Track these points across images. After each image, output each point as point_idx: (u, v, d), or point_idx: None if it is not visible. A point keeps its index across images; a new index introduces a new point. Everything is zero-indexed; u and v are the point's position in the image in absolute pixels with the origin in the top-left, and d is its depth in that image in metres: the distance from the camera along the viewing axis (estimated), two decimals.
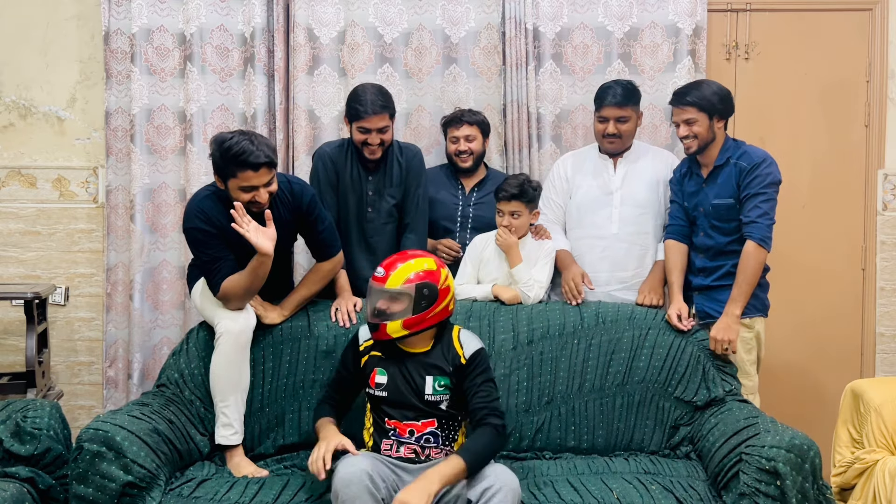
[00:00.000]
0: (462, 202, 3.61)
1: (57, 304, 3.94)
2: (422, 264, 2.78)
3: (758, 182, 3.16)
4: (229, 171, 2.87)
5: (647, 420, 3.16)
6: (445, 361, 2.77)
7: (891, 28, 3.97)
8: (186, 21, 3.76)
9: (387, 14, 3.79)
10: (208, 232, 2.98)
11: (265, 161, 2.86)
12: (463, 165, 3.59)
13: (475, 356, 2.78)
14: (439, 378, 2.76)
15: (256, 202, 2.92)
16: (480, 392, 2.73)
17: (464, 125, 3.57)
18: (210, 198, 3.02)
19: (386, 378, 2.78)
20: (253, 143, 2.85)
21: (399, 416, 2.75)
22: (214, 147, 2.89)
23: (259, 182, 2.88)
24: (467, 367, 2.76)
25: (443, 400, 2.75)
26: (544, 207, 3.53)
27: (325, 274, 3.25)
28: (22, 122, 3.94)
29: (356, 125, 3.30)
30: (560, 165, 3.59)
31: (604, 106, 3.40)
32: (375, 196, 3.42)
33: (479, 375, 2.76)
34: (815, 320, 4.02)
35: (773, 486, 2.58)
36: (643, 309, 3.32)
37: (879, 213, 4.02)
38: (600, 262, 3.45)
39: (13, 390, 3.51)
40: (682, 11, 3.78)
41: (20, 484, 2.70)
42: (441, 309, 2.77)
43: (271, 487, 2.79)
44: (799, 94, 3.97)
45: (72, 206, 3.95)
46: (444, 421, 2.76)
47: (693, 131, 3.21)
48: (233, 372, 3.03)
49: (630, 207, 3.44)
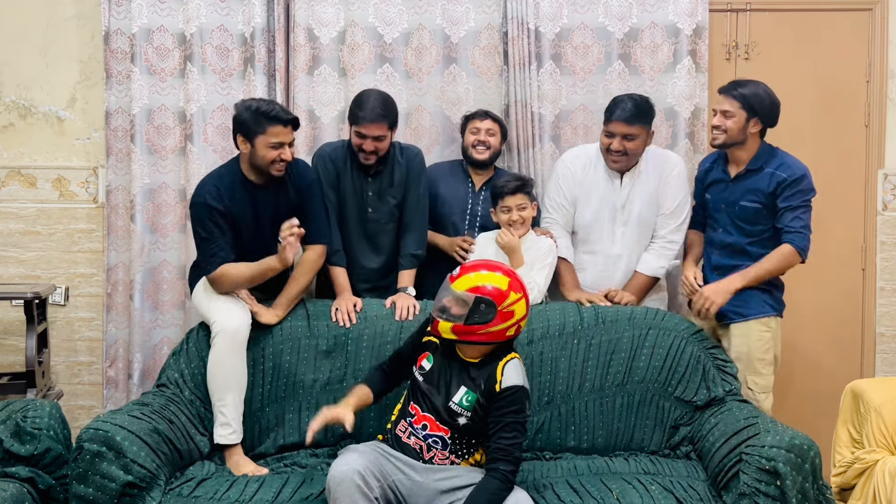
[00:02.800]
0: (472, 199, 3.60)
1: (57, 304, 3.94)
2: (494, 280, 2.67)
3: (800, 195, 3.15)
4: (259, 128, 3.05)
5: (646, 420, 3.16)
6: (483, 381, 2.70)
7: (891, 28, 3.97)
8: (186, 21, 3.75)
9: (387, 14, 3.79)
10: (216, 209, 3.07)
11: (291, 118, 3.11)
12: (479, 157, 3.53)
13: (509, 391, 2.64)
14: (470, 393, 2.70)
15: (282, 160, 3.08)
16: (502, 431, 2.61)
17: (488, 119, 3.56)
18: (224, 176, 3.16)
19: (430, 366, 2.78)
20: (276, 104, 3.17)
21: (423, 406, 2.75)
22: (241, 109, 3.11)
23: (286, 139, 3.08)
24: (497, 399, 2.65)
25: (464, 414, 2.69)
26: (551, 210, 3.50)
27: (311, 265, 3.28)
28: (22, 122, 3.94)
29: (354, 129, 3.33)
30: (567, 166, 3.49)
31: (612, 120, 3.30)
32: (376, 197, 3.43)
33: (508, 414, 2.62)
34: (815, 320, 4.02)
35: (773, 486, 2.59)
36: (643, 309, 3.32)
37: (879, 213, 4.02)
38: (601, 280, 3.45)
39: (13, 390, 3.52)
40: (683, 11, 3.78)
41: (20, 484, 2.70)
42: (496, 330, 2.67)
43: (271, 486, 2.79)
44: (799, 94, 3.96)
45: (72, 206, 3.95)
46: (458, 436, 2.72)
47: (726, 124, 3.17)
48: (229, 371, 3.04)
49: (633, 227, 3.42)
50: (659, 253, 3.42)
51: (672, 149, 3.71)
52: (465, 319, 2.65)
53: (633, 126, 3.28)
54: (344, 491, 2.50)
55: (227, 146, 3.79)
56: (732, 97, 3.17)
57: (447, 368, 2.76)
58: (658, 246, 3.43)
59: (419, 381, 2.79)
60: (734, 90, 3.18)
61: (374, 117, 3.27)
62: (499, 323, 2.66)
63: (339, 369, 3.22)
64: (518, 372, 2.69)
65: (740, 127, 3.17)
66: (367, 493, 2.51)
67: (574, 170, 3.47)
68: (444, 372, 2.76)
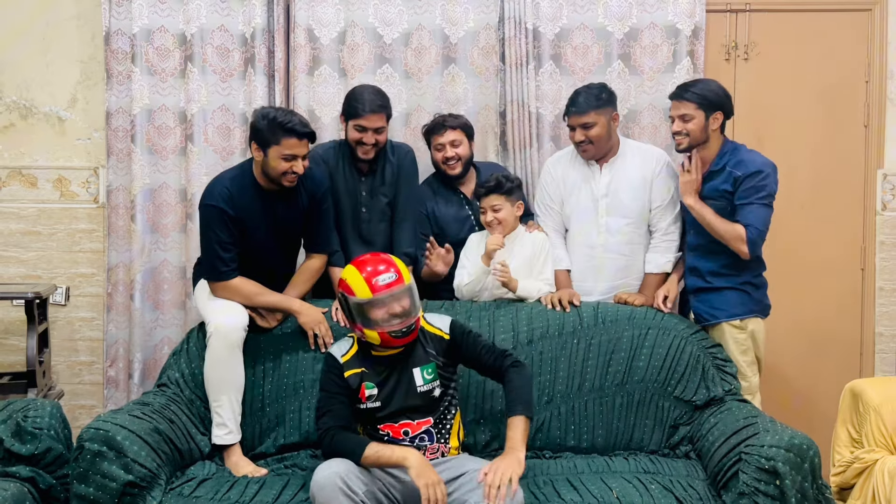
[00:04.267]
0: (471, 209, 3.55)
1: (58, 303, 3.94)
2: (397, 262, 2.82)
3: (752, 191, 3.14)
4: (273, 139, 2.99)
5: (646, 419, 3.16)
6: (424, 350, 2.80)
7: (890, 28, 3.97)
8: (187, 21, 3.76)
9: (386, 14, 3.80)
10: (227, 213, 3.04)
11: (308, 132, 3.04)
12: (452, 173, 3.48)
13: (454, 327, 2.85)
14: (424, 367, 2.78)
15: (294, 172, 3.03)
16: (482, 350, 2.82)
17: (447, 130, 3.44)
18: (237, 179, 3.11)
19: (376, 390, 2.78)
20: (295, 115, 3.08)
21: (393, 420, 2.76)
22: (259, 116, 3.05)
23: (300, 152, 3.02)
24: (455, 340, 2.83)
25: (434, 387, 2.77)
26: (542, 215, 3.51)
27: (312, 273, 3.29)
28: (23, 123, 3.94)
29: (353, 123, 3.32)
30: (550, 169, 3.53)
31: (568, 115, 3.38)
32: (369, 196, 3.44)
33: (470, 338, 2.84)
34: (815, 320, 4.02)
35: (772, 485, 2.59)
36: (643, 309, 3.32)
37: (879, 213, 4.03)
38: (587, 272, 3.45)
39: (14, 390, 3.52)
40: (682, 12, 3.79)
41: (21, 483, 2.70)
42: None
43: (271, 487, 2.80)
44: (798, 95, 3.97)
45: (73, 206, 3.95)
46: (440, 414, 2.77)
47: (686, 128, 3.21)
48: (224, 371, 3.04)
49: (615, 218, 3.41)
50: (662, 248, 3.42)
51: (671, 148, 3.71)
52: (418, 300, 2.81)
53: (586, 115, 3.32)
54: (327, 496, 2.50)
55: (228, 146, 3.80)
56: (686, 99, 3.21)
57: (390, 373, 2.79)
58: (659, 242, 3.43)
59: (377, 407, 2.78)
60: (685, 93, 3.22)
61: (373, 108, 3.29)
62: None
63: None
64: (436, 315, 2.90)
65: (701, 126, 3.20)
66: (350, 495, 2.51)
67: (555, 172, 3.51)
68: (390, 378, 2.79)
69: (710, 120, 3.20)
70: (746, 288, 3.25)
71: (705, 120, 3.20)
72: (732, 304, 3.25)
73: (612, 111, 3.39)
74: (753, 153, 3.24)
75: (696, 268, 3.32)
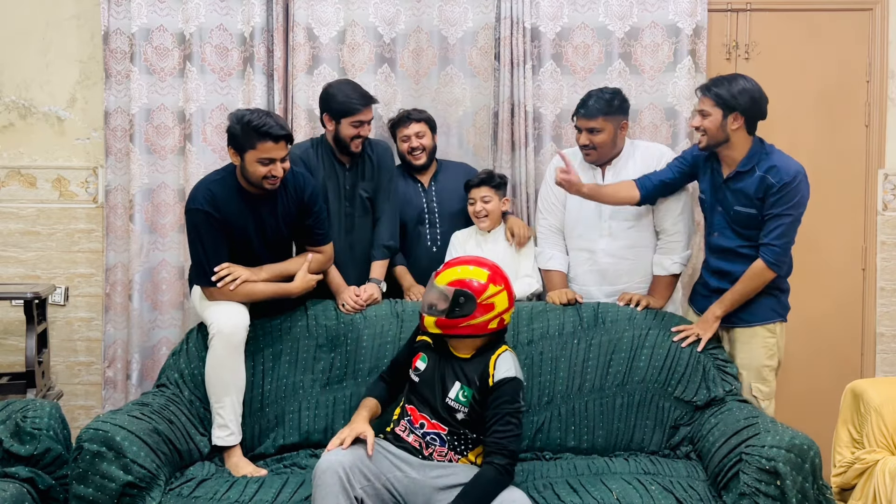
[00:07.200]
0: (425, 198, 3.62)
1: (56, 304, 3.93)
2: (473, 274, 2.75)
3: (783, 202, 3.05)
4: (249, 143, 2.95)
5: (646, 420, 3.16)
6: (476, 376, 2.74)
7: (891, 28, 3.97)
8: (186, 21, 3.75)
9: (386, 14, 3.79)
10: (212, 216, 3.01)
11: (284, 134, 2.97)
12: (417, 162, 3.59)
13: (502, 384, 2.68)
14: (465, 388, 2.73)
15: (273, 176, 2.99)
16: (496, 424, 2.64)
17: (412, 123, 3.57)
18: (220, 182, 3.08)
19: (424, 366, 2.82)
20: (271, 117, 3.00)
21: (419, 405, 2.78)
22: (234, 121, 2.99)
23: (277, 155, 2.97)
24: (492, 392, 2.69)
25: (461, 410, 2.73)
26: (544, 212, 3.50)
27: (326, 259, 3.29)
28: (22, 122, 3.94)
29: (350, 120, 3.31)
30: (554, 167, 3.48)
31: (577, 116, 3.33)
32: (351, 192, 3.44)
33: (502, 405, 2.66)
34: (815, 320, 4.01)
35: (773, 486, 2.58)
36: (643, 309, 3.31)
37: (879, 213, 4.02)
38: (589, 275, 3.43)
39: (13, 390, 3.52)
40: (683, 11, 3.78)
41: (20, 484, 2.70)
42: (477, 323, 2.72)
43: (271, 486, 2.79)
44: (799, 94, 3.97)
45: (71, 206, 3.95)
46: (455, 432, 2.74)
47: (703, 125, 3.11)
48: (226, 373, 3.03)
49: (619, 221, 3.38)
50: (667, 250, 3.38)
51: (672, 148, 3.70)
52: (447, 313, 2.71)
53: (594, 120, 3.28)
54: (326, 481, 2.52)
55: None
56: (707, 95, 3.12)
57: (441, 366, 2.80)
58: (664, 243, 3.39)
59: (415, 381, 2.82)
60: (709, 89, 3.13)
61: (366, 101, 3.33)
62: (480, 315, 2.72)
63: (338, 369, 3.22)
64: (509, 364, 2.73)
65: (718, 125, 3.09)
66: (347, 489, 2.53)
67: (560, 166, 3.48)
68: (438, 370, 2.79)
69: (729, 120, 3.09)
70: (774, 292, 3.19)
71: (722, 119, 3.08)
72: (766, 309, 3.19)
73: (622, 119, 3.33)
74: (785, 157, 3.13)
75: (723, 270, 3.21)
